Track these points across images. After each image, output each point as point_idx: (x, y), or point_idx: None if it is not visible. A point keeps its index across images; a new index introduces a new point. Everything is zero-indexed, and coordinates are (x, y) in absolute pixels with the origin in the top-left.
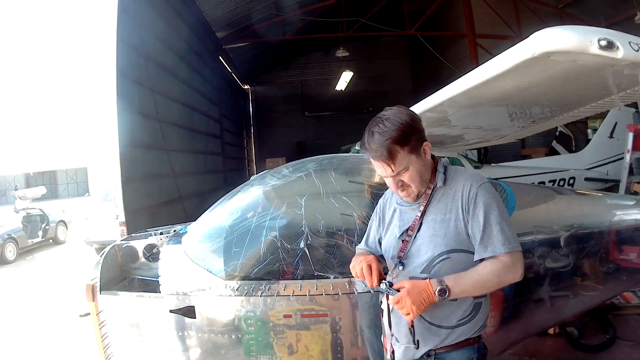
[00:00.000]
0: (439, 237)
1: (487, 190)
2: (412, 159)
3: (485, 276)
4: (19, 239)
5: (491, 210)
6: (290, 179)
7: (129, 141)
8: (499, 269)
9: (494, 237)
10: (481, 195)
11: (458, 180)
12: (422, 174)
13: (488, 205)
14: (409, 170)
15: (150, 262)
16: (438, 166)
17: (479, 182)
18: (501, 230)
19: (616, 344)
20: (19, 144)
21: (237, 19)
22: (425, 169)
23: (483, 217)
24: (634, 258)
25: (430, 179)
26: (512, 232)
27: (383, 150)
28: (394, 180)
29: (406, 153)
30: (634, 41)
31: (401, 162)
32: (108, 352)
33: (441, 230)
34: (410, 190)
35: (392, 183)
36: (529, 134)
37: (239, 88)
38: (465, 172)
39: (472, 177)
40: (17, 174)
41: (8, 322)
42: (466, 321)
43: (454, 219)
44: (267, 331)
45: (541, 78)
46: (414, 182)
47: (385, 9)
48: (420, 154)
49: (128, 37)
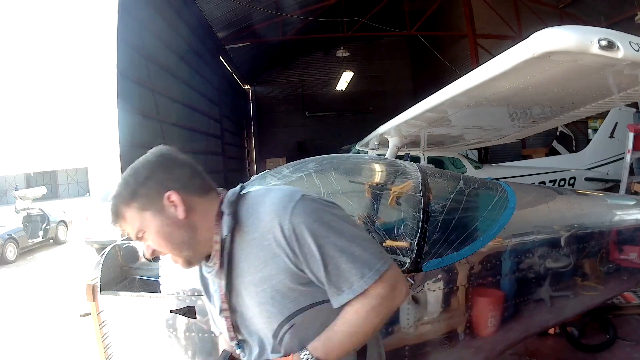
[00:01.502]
0: (267, 304)
1: (304, 213)
2: (146, 218)
3: (359, 323)
4: (20, 239)
5: (324, 238)
6: (290, 179)
7: (129, 141)
8: (372, 305)
9: (345, 273)
10: (301, 226)
11: (260, 218)
12: (169, 236)
13: (317, 234)
14: (147, 233)
15: (150, 262)
16: (222, 207)
17: (288, 209)
18: (350, 258)
19: (616, 344)
20: (19, 144)
21: (237, 19)
22: (175, 228)
23: (319, 253)
24: (634, 258)
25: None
26: (368, 251)
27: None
28: (142, 245)
29: (135, 211)
30: (634, 41)
31: (131, 223)
32: (108, 352)
33: (265, 295)
34: (172, 257)
35: (144, 250)
36: (530, 134)
37: (239, 88)
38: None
39: (276, 207)
40: (18, 174)
41: (8, 322)
42: None
43: (275, 273)
44: None
45: (541, 78)
46: (162, 247)
47: (385, 9)
48: (161, 209)
49: (128, 37)
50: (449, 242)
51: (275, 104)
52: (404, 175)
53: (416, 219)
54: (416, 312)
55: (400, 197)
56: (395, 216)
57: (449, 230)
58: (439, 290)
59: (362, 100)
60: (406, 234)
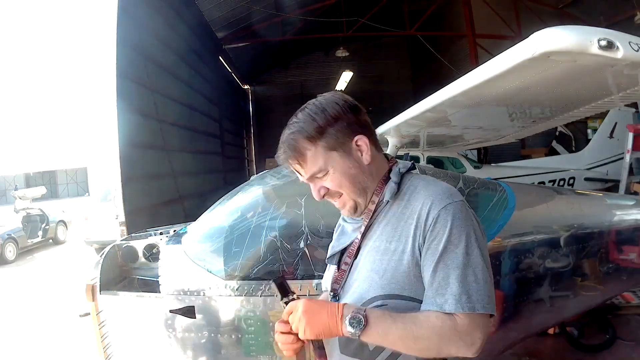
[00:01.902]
0: (375, 273)
1: (456, 213)
2: (333, 158)
3: (422, 330)
4: (19, 239)
5: (455, 245)
6: (290, 179)
7: (128, 141)
8: (445, 327)
9: (448, 287)
10: (445, 220)
11: (418, 197)
12: (354, 178)
13: (452, 237)
14: (329, 173)
15: (150, 262)
16: (391, 173)
17: (446, 200)
18: (461, 279)
19: (616, 344)
20: (19, 144)
21: (237, 19)
22: (358, 172)
23: (440, 253)
24: (634, 258)
25: (377, 189)
26: (481, 285)
27: (287, 148)
28: (314, 186)
29: (321, 150)
30: (634, 41)
31: (314, 162)
32: (108, 352)
33: (380, 265)
34: (343, 200)
35: (313, 190)
36: (529, 134)
37: (238, 88)
38: (432, 184)
39: (436, 192)
40: (17, 174)
41: (8, 322)
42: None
43: (400, 250)
44: (267, 331)
45: (541, 78)
46: (342, 188)
47: (385, 9)
48: (349, 151)
49: (128, 37)
50: None
51: (274, 104)
52: None
53: None
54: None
55: None
56: None
57: None
58: None
59: (362, 100)
60: None
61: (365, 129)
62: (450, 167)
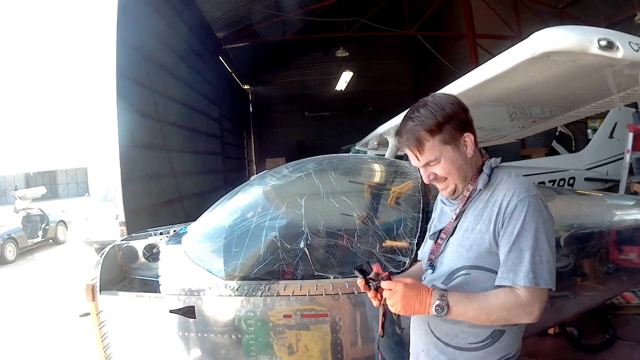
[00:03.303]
0: (463, 248)
1: (530, 205)
2: (446, 150)
3: (492, 307)
4: (19, 239)
5: (527, 231)
6: (290, 179)
7: (128, 141)
8: (510, 303)
9: (519, 264)
10: (520, 210)
11: (501, 188)
12: (460, 168)
13: (526, 224)
14: (441, 162)
15: (150, 262)
16: (484, 166)
17: (523, 193)
18: (531, 258)
19: (616, 344)
20: (19, 144)
21: (237, 19)
22: (463, 163)
23: (514, 237)
24: (634, 258)
25: (472, 179)
26: (545, 265)
27: (410, 137)
28: (425, 171)
29: (438, 142)
30: (634, 41)
31: (431, 152)
32: (108, 352)
33: (467, 241)
34: (446, 183)
35: (423, 174)
36: (529, 134)
37: (239, 88)
38: (513, 179)
39: (516, 186)
40: (17, 174)
41: (8, 322)
42: (479, 347)
43: (484, 231)
44: (267, 331)
45: (541, 78)
46: (449, 175)
47: (385, 9)
48: (459, 145)
49: (128, 37)
50: None
51: (274, 104)
52: (404, 175)
53: (416, 219)
54: None
55: (400, 197)
56: (395, 216)
57: None
58: None
59: (362, 100)
60: (406, 234)
61: (471, 127)
62: None
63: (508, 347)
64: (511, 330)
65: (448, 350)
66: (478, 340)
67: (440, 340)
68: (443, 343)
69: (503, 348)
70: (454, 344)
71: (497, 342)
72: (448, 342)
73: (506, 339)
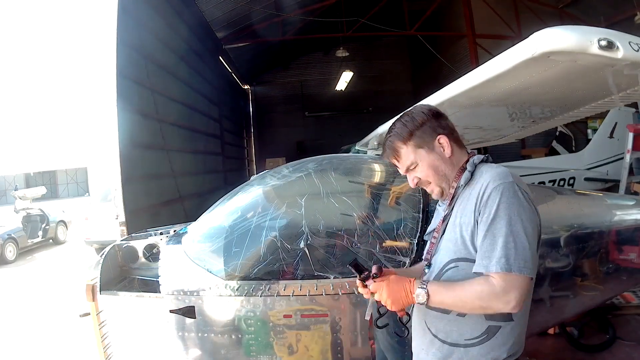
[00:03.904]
0: (450, 242)
1: (505, 191)
2: (421, 154)
3: (467, 295)
4: (19, 239)
5: (500, 217)
6: (290, 179)
7: (128, 141)
8: (484, 291)
9: (492, 251)
10: (495, 197)
11: (480, 179)
12: (437, 168)
13: (499, 210)
14: (419, 166)
15: (150, 262)
16: (467, 163)
17: (498, 180)
18: (504, 245)
19: (616, 344)
20: (19, 144)
21: (237, 19)
22: (441, 163)
23: (488, 224)
24: (634, 258)
25: (456, 177)
26: (520, 252)
27: (387, 149)
28: (409, 176)
29: (411, 148)
30: (634, 41)
31: (407, 157)
32: (108, 352)
33: (454, 235)
34: (431, 186)
35: (409, 179)
36: (529, 134)
37: (239, 88)
38: (492, 169)
39: (492, 175)
40: (17, 174)
41: (8, 322)
42: (475, 343)
43: (465, 223)
44: (267, 331)
45: (541, 78)
46: (429, 178)
47: (385, 9)
48: (432, 147)
49: (128, 37)
50: None
51: (274, 104)
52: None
53: (416, 219)
54: None
55: (400, 197)
56: (395, 216)
57: None
58: None
59: (362, 100)
60: (406, 234)
61: (445, 130)
62: None
63: (506, 344)
64: (508, 326)
65: (444, 347)
66: (474, 336)
67: (437, 337)
68: (440, 340)
69: (500, 345)
70: (450, 341)
71: (493, 338)
72: (444, 339)
73: (503, 336)
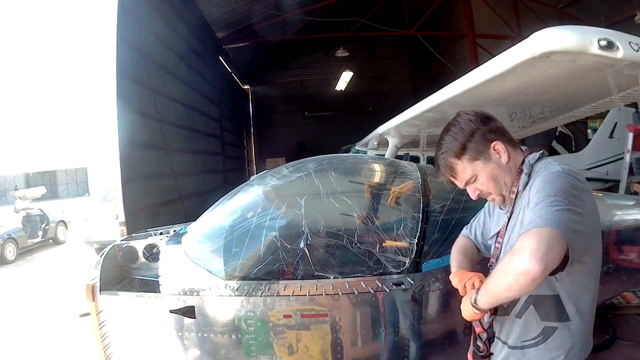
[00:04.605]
0: (509, 246)
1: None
2: (478, 166)
3: (501, 283)
4: (19, 239)
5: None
6: (290, 179)
7: (128, 141)
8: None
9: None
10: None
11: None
12: (497, 178)
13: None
14: (478, 178)
15: (150, 262)
16: (523, 165)
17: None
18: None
19: (616, 344)
20: (19, 144)
21: (237, 19)
22: (500, 171)
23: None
24: (634, 258)
25: (515, 180)
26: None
27: (441, 167)
28: (469, 189)
29: (467, 162)
30: (634, 41)
31: (464, 172)
32: (108, 352)
33: (514, 236)
34: (493, 195)
35: (470, 192)
36: (529, 134)
37: (239, 88)
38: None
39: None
40: (17, 174)
41: (8, 322)
42: (531, 345)
43: (519, 224)
44: (267, 331)
45: (541, 78)
46: (489, 189)
47: (385, 9)
48: (488, 157)
49: (128, 37)
50: (449, 242)
51: (274, 104)
52: (404, 175)
53: (416, 219)
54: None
55: (400, 197)
56: (395, 216)
57: (449, 230)
58: (439, 290)
59: (362, 100)
60: (406, 234)
61: (498, 134)
62: None
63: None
64: (565, 327)
65: (504, 350)
66: (529, 337)
67: (500, 339)
68: (502, 342)
69: (558, 347)
70: (511, 343)
71: (551, 339)
72: (505, 341)
73: (560, 337)
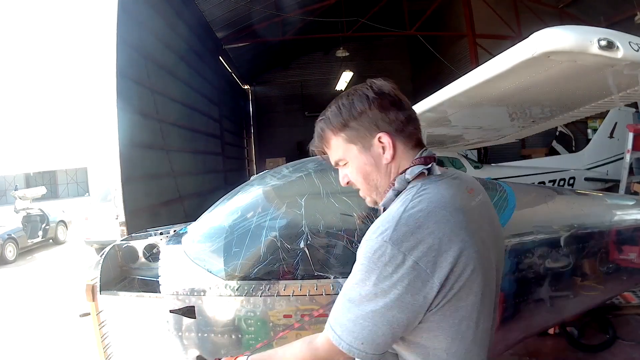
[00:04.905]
0: None
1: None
2: (352, 151)
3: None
4: (19, 239)
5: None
6: (290, 179)
7: (128, 141)
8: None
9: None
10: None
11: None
12: (368, 176)
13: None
14: (348, 165)
15: (150, 262)
16: (397, 179)
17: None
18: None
19: (616, 344)
20: (19, 144)
21: (237, 19)
22: (374, 169)
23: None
24: (634, 258)
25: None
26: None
27: (315, 134)
28: (340, 172)
29: (342, 141)
30: (634, 41)
31: (336, 150)
32: (108, 352)
33: None
34: (361, 193)
35: (339, 177)
36: (529, 134)
37: (239, 88)
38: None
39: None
40: (17, 174)
41: (8, 322)
42: None
43: None
44: (267, 331)
45: (541, 78)
46: (357, 184)
47: (385, 9)
48: (368, 147)
49: (128, 37)
50: None
51: (274, 104)
52: None
53: None
54: None
55: None
56: None
57: None
58: None
59: None
60: None
61: (393, 125)
62: (450, 167)
63: None
64: None
65: None
66: None
67: None
68: None
69: None
70: None
71: None
72: None
73: None
